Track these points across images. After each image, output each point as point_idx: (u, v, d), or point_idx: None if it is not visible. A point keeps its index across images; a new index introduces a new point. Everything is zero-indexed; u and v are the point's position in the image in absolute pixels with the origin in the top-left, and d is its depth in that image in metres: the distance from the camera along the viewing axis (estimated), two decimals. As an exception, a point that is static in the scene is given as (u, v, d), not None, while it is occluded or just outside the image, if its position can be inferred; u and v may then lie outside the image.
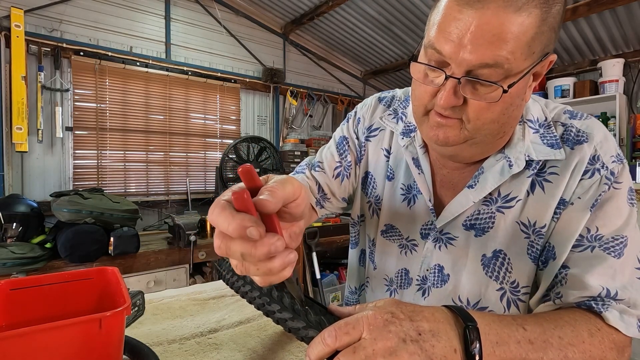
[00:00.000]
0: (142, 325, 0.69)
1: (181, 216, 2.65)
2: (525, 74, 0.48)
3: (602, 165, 0.54)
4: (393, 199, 0.71)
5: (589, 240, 0.53)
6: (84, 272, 0.55)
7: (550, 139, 0.57)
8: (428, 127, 0.55)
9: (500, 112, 0.50)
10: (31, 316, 0.49)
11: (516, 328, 0.43)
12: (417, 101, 0.56)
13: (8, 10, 2.50)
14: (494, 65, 0.46)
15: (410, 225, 0.68)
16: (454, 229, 0.62)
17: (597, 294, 0.51)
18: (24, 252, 2.00)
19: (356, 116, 0.77)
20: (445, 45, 0.48)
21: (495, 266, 0.59)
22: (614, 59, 3.06)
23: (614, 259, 0.52)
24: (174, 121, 3.28)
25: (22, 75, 2.49)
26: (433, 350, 0.36)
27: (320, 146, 3.43)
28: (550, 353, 0.43)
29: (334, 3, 3.20)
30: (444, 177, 0.65)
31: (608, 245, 0.52)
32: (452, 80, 0.48)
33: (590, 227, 0.53)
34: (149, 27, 3.15)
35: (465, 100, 0.50)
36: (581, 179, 0.54)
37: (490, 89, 0.48)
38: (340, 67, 4.41)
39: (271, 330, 0.69)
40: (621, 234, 0.53)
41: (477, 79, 0.47)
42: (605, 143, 0.55)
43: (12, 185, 2.59)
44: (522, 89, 0.51)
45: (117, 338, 0.42)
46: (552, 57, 0.51)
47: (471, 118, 0.51)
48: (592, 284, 0.51)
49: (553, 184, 0.56)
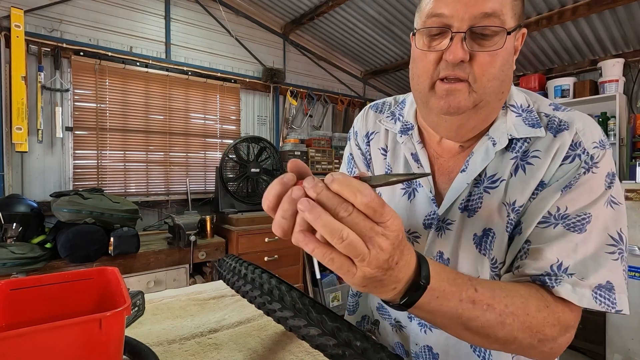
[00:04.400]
0: (142, 325, 0.69)
1: (181, 216, 2.65)
2: (513, 30, 0.54)
3: (582, 150, 0.57)
4: (393, 194, 0.73)
5: (555, 218, 0.55)
6: (84, 272, 0.54)
7: (531, 120, 0.61)
8: (436, 98, 0.58)
9: (500, 67, 0.55)
10: (31, 316, 0.49)
11: (467, 288, 0.46)
12: (423, 74, 0.59)
13: (8, 10, 2.50)
14: (492, 15, 0.52)
15: (412, 218, 0.70)
16: (453, 214, 0.65)
17: (550, 266, 0.52)
18: (24, 252, 2.00)
19: (354, 130, 0.83)
20: (445, 8, 0.53)
21: (486, 244, 0.62)
22: (614, 59, 3.06)
23: (574, 234, 0.53)
24: (174, 121, 3.27)
25: (22, 76, 2.49)
26: (383, 289, 0.40)
27: (321, 146, 3.44)
28: (488, 315, 0.46)
29: (334, 3, 3.20)
30: (441, 166, 0.69)
31: (570, 223, 0.54)
32: (458, 36, 0.53)
33: (560, 206, 0.55)
34: (149, 27, 3.15)
35: (470, 57, 0.53)
36: (561, 164, 0.57)
37: (493, 40, 0.53)
38: (340, 67, 4.41)
39: (271, 330, 0.69)
40: (585, 212, 0.54)
41: (481, 31, 0.53)
42: (586, 130, 0.58)
43: (12, 185, 2.59)
44: (511, 48, 0.56)
45: (117, 338, 0.42)
46: (524, 30, 0.59)
47: (477, 75, 0.54)
48: (548, 256, 0.53)
49: (534, 166, 0.59)
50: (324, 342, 0.47)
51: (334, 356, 0.46)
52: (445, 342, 0.66)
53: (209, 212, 3.24)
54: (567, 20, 2.80)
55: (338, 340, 0.47)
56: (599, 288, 0.51)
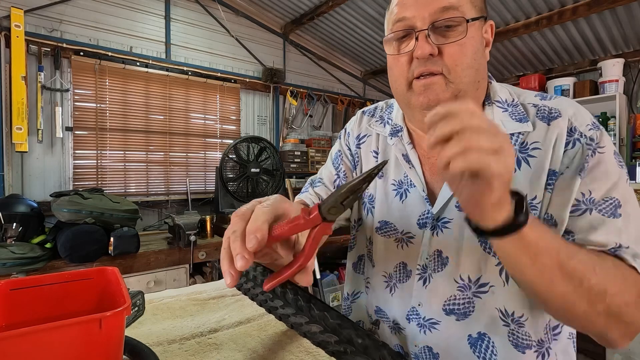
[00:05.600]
0: (142, 325, 0.69)
1: (181, 216, 2.65)
2: (476, 19, 0.58)
3: (580, 134, 0.58)
4: (386, 195, 0.74)
5: (585, 203, 0.55)
6: (84, 272, 0.54)
7: (518, 115, 0.62)
8: (416, 96, 0.61)
9: (471, 55, 0.58)
10: (31, 316, 0.49)
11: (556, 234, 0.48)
12: (399, 76, 0.62)
13: (8, 10, 2.50)
14: (450, 8, 0.56)
15: (406, 218, 0.70)
16: (449, 212, 0.65)
17: (609, 248, 0.52)
18: (24, 252, 2.00)
19: (346, 131, 0.86)
20: (407, 11, 0.58)
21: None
22: (614, 59, 3.06)
23: (613, 220, 0.54)
24: (174, 121, 3.27)
25: (22, 76, 2.49)
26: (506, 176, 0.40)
27: (321, 146, 3.44)
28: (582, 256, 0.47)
29: (334, 3, 3.20)
30: (432, 165, 0.70)
31: (602, 208, 0.54)
32: (422, 33, 0.57)
33: (584, 192, 0.56)
34: (149, 27, 3.15)
35: (440, 51, 0.57)
36: (565, 150, 0.58)
37: (457, 31, 0.57)
38: (340, 67, 4.41)
39: (271, 330, 0.69)
40: (610, 196, 0.55)
41: (443, 25, 0.56)
42: (578, 115, 0.60)
43: (12, 185, 2.59)
44: (479, 37, 0.60)
45: (117, 338, 0.42)
46: (491, 22, 0.63)
47: (450, 66, 0.57)
48: (601, 240, 0.53)
49: (538, 158, 0.60)
50: (326, 339, 0.47)
51: (335, 353, 0.46)
52: (445, 342, 0.65)
53: (209, 212, 3.24)
54: (567, 20, 2.80)
55: (340, 338, 0.47)
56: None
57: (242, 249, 0.42)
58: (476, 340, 0.63)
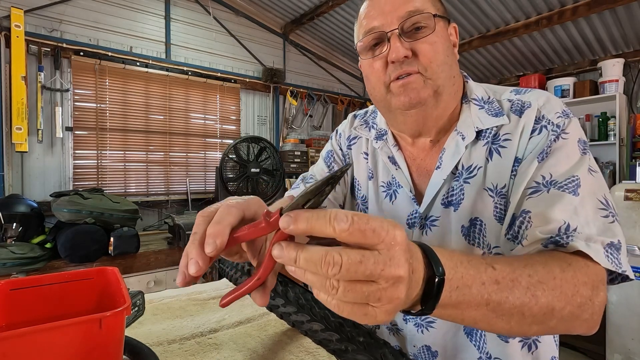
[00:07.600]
0: (142, 325, 0.69)
1: (181, 216, 2.65)
2: (440, 17, 0.61)
3: (547, 122, 0.59)
4: (377, 196, 0.76)
5: (544, 185, 0.56)
6: (84, 272, 0.54)
7: (493, 110, 0.64)
8: (396, 97, 0.62)
9: (443, 52, 0.60)
10: (31, 316, 0.49)
11: (485, 268, 0.41)
12: (377, 82, 0.63)
13: (8, 10, 2.50)
14: (415, 11, 0.59)
15: (396, 219, 0.71)
16: (435, 210, 0.67)
17: (559, 229, 0.51)
18: (24, 252, 2.00)
19: (337, 132, 0.88)
20: (375, 21, 0.61)
21: (474, 233, 0.63)
22: (614, 59, 3.06)
23: (571, 196, 0.53)
24: (174, 121, 3.27)
25: (22, 76, 2.49)
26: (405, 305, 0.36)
27: (321, 146, 3.45)
28: (517, 292, 0.42)
29: (334, 3, 3.20)
30: (418, 166, 0.71)
31: (562, 185, 0.54)
32: (393, 35, 0.59)
33: (544, 175, 0.56)
34: (149, 27, 3.15)
35: (414, 53, 0.59)
36: (531, 137, 0.60)
37: (424, 30, 0.59)
38: (340, 67, 4.41)
39: (271, 330, 0.69)
40: (572, 174, 0.54)
41: (411, 25, 0.59)
42: (547, 104, 0.61)
43: (12, 185, 2.59)
44: (447, 36, 0.63)
45: (117, 338, 0.42)
46: (454, 24, 0.66)
47: (425, 64, 0.59)
48: (553, 217, 0.52)
49: (507, 148, 0.62)
50: (327, 337, 0.47)
51: (336, 351, 0.46)
52: (442, 339, 0.67)
53: (209, 212, 3.24)
54: (567, 20, 2.80)
55: (341, 336, 0.47)
56: (609, 246, 0.50)
57: (198, 253, 0.39)
58: (471, 329, 0.65)
